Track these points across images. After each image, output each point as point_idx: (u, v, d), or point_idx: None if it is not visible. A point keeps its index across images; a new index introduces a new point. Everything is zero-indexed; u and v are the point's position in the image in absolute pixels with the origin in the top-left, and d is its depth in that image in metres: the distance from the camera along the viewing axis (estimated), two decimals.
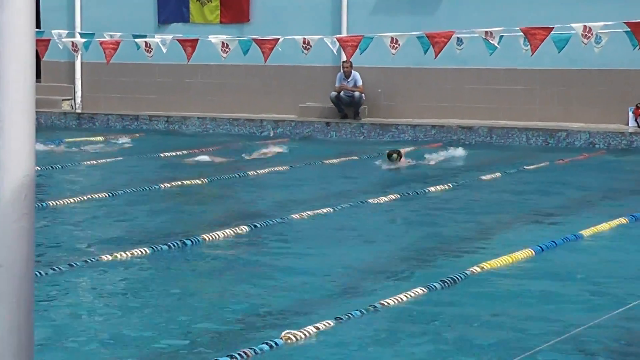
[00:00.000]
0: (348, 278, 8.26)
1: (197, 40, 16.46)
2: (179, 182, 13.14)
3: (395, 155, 15.01)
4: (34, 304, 1.81)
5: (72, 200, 11.66)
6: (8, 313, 1.76)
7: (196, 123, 20.90)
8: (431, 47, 14.42)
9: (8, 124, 1.80)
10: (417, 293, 7.47)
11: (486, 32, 14.03)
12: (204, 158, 16.10)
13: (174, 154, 16.77)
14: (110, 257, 8.64)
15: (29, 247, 1.77)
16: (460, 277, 7.98)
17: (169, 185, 13.00)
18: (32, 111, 1.82)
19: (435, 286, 7.66)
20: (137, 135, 19.88)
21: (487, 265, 8.35)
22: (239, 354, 5.93)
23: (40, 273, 7.83)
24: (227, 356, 5.91)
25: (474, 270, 8.20)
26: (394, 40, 14.87)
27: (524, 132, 18.70)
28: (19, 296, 1.77)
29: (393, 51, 14.92)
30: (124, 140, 18.75)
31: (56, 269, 8.17)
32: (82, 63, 22.46)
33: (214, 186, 13.33)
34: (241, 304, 7.39)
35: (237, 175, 14.03)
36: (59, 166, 15.00)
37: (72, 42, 17.96)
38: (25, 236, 1.77)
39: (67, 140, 18.32)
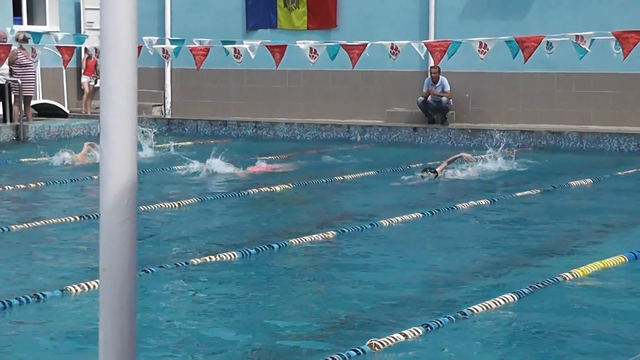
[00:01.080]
0: (436, 284, 8.21)
1: (285, 46, 16.55)
2: (267, 188, 13.21)
3: (426, 173, 13.99)
4: (136, 308, 1.83)
5: (162, 206, 11.80)
6: (111, 317, 1.79)
7: (284, 128, 21.02)
8: (520, 51, 14.29)
9: (111, 130, 1.83)
10: (506, 300, 7.38)
11: (577, 36, 13.86)
12: (290, 164, 16.18)
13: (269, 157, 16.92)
14: (200, 261, 8.72)
15: (131, 252, 1.80)
16: (550, 282, 7.88)
17: (256, 190, 13.08)
18: (134, 117, 1.84)
19: (524, 292, 7.57)
20: (225, 140, 20.06)
21: (578, 272, 8.22)
22: None
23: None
24: None
25: (565, 277, 8.08)
26: (483, 44, 14.77)
27: (615, 137, 18.40)
28: (122, 300, 1.79)
29: (482, 56, 14.82)
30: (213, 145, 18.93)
31: (148, 271, 8.27)
32: (172, 69, 22.75)
33: (301, 191, 13.38)
34: (327, 309, 7.39)
35: (324, 181, 14.06)
36: (150, 171, 15.20)
37: (163, 48, 18.19)
38: (128, 241, 1.79)
39: (157, 146, 18.55)
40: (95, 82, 22.69)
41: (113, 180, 1.81)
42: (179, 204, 11.92)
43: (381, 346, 6.29)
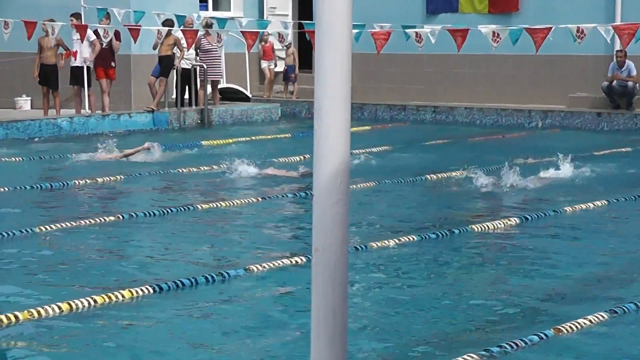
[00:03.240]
0: (621, 270, 7.99)
1: (467, 30, 16.39)
2: (444, 174, 13.11)
3: None
4: (347, 288, 1.84)
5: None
6: (324, 297, 1.80)
7: (463, 113, 20.84)
8: None
9: (325, 111, 1.84)
10: None
11: None
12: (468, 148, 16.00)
13: (439, 142, 16.81)
14: (379, 244, 8.74)
15: (343, 232, 1.80)
16: None
17: (434, 176, 13.00)
18: (347, 99, 1.85)
19: None
20: (404, 124, 20.04)
21: None
22: (509, 344, 5.87)
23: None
24: (497, 346, 5.86)
25: None
26: None
27: None
28: (334, 280, 1.80)
29: None
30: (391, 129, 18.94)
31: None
32: (352, 54, 22.82)
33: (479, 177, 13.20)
34: (508, 294, 7.30)
35: (504, 166, 13.82)
36: (309, 156, 15.24)
37: None
38: (341, 221, 1.80)
39: None
40: (275, 66, 23.02)
41: (326, 162, 1.82)
42: (357, 186, 11.89)
43: (565, 331, 6.17)
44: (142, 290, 7.25)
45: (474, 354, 5.76)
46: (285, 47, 22.16)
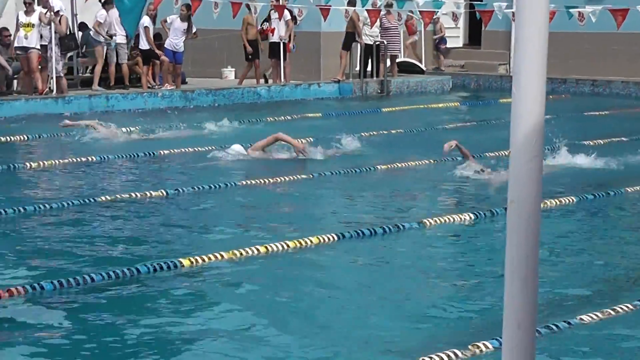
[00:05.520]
0: None
1: (627, 10, 15.76)
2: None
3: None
4: (539, 236, 1.80)
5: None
6: (517, 244, 1.77)
7: (619, 86, 20.10)
8: None
9: (523, 78, 1.80)
10: None
11: None
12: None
13: (597, 113, 16.32)
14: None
15: (537, 186, 1.77)
16: None
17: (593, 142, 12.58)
18: (543, 67, 1.80)
19: None
20: (564, 96, 19.54)
21: None
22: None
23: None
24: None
25: None
26: None
27: None
28: (527, 230, 1.77)
29: None
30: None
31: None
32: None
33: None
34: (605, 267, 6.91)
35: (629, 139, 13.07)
36: (475, 123, 15.02)
37: (512, 12, 17.90)
38: (535, 176, 1.77)
39: (501, 100, 18.38)
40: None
41: (523, 122, 1.78)
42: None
43: None
44: (328, 237, 7.37)
45: None
46: (434, 22, 21.90)
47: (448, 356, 4.88)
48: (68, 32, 17.37)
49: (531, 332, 1.74)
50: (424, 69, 22.24)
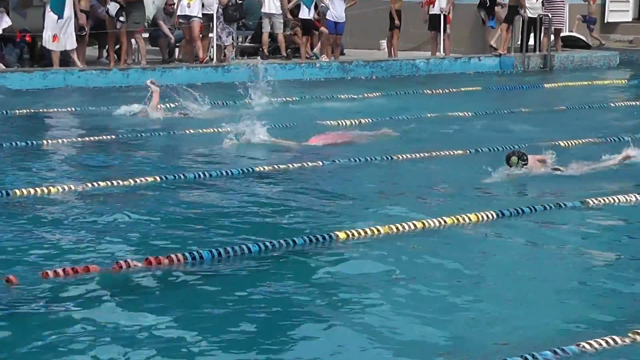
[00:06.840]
0: None
1: None
2: None
3: (514, 159, 9.03)
4: None
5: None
6: None
7: None
8: None
9: None
10: None
11: None
12: None
13: None
14: None
15: None
16: None
17: None
18: None
19: None
20: None
21: None
22: None
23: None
24: None
25: None
26: None
27: None
28: None
29: None
30: None
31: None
32: None
33: None
34: None
35: None
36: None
37: None
38: None
39: None
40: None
41: None
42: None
43: None
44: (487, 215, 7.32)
45: None
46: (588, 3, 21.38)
47: (607, 342, 4.80)
48: (231, 3, 17.72)
49: None
50: (590, 44, 21.59)
